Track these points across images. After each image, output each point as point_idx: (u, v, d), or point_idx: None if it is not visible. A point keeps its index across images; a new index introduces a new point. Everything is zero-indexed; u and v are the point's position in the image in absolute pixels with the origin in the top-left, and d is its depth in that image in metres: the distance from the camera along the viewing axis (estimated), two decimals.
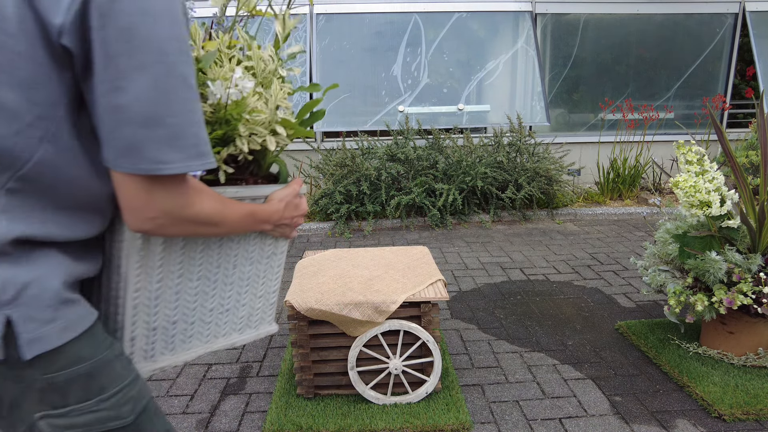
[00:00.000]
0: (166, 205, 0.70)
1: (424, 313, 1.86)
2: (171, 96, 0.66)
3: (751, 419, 1.81)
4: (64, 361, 0.71)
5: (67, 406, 0.71)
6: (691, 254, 2.07)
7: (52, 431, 0.70)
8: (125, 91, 0.63)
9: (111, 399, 0.75)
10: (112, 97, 0.63)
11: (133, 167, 0.66)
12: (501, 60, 5.58)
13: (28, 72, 0.61)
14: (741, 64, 6.00)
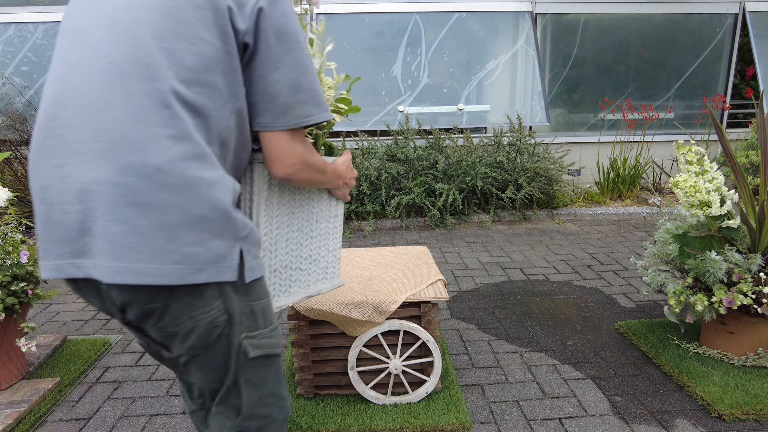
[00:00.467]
0: (301, 153, 0.99)
1: (424, 313, 1.86)
2: (306, 68, 0.95)
3: (751, 419, 1.81)
4: (261, 292, 0.97)
5: (257, 329, 0.96)
6: (691, 254, 2.07)
7: (251, 350, 0.95)
8: (279, 69, 0.92)
9: (275, 330, 1.01)
10: (271, 74, 0.92)
11: (286, 123, 0.94)
12: (501, 60, 5.58)
13: (227, 63, 0.88)
14: (741, 64, 6.00)
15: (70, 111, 0.82)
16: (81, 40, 0.84)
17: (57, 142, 0.82)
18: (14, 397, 2.00)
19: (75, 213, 0.81)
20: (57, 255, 0.84)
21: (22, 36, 5.33)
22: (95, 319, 2.81)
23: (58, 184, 0.82)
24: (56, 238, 0.84)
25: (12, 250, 2.04)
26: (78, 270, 0.83)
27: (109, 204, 0.79)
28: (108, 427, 1.88)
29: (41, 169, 0.84)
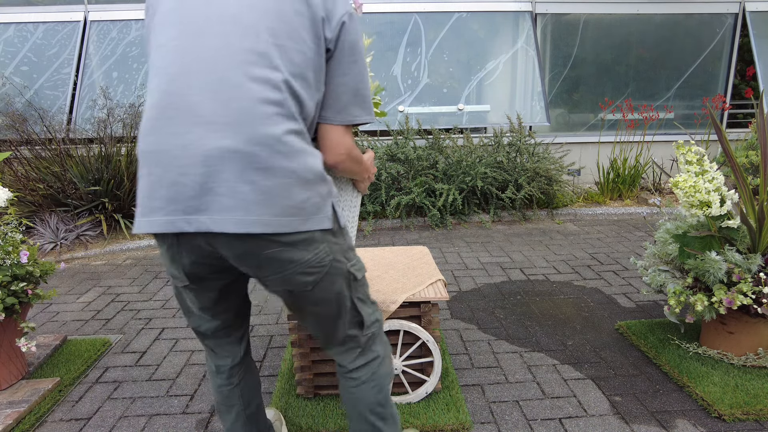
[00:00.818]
0: (349, 145, 1.18)
1: (424, 313, 1.86)
2: (365, 78, 1.15)
3: (751, 419, 1.81)
4: (348, 234, 1.21)
5: (354, 259, 1.21)
6: (691, 254, 2.07)
7: (358, 274, 1.21)
8: (347, 75, 1.13)
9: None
10: (341, 78, 1.12)
11: (343, 119, 1.14)
12: (501, 60, 5.58)
13: (317, 63, 1.07)
14: (741, 64, 6.00)
15: (193, 88, 0.97)
16: (202, 29, 1.00)
17: (177, 113, 0.97)
18: (14, 397, 2.00)
19: (196, 175, 0.96)
20: (168, 212, 0.98)
21: (22, 36, 5.33)
22: (95, 319, 2.81)
23: (179, 150, 0.97)
24: (169, 197, 0.98)
25: (12, 250, 2.04)
26: (189, 225, 0.98)
27: (237, 168, 0.96)
28: (108, 427, 1.88)
29: (159, 135, 0.99)
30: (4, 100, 5.03)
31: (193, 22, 1.00)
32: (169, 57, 1.00)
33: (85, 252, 3.96)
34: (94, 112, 5.03)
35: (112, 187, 4.24)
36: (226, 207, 0.96)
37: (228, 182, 0.96)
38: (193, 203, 0.97)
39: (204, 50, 0.98)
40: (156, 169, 0.99)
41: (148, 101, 1.02)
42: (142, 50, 5.38)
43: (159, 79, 1.01)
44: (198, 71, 0.98)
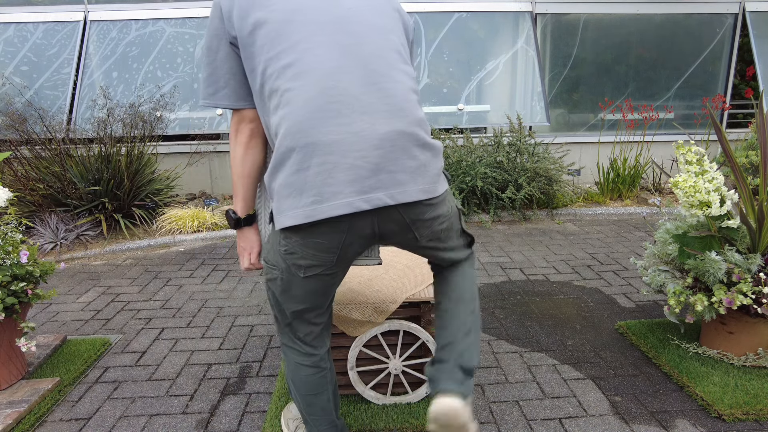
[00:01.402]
0: None
1: (424, 313, 1.86)
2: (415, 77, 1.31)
3: (750, 419, 1.81)
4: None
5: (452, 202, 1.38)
6: (691, 254, 2.07)
7: (461, 208, 1.39)
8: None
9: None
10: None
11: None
12: (501, 60, 5.58)
13: (408, 57, 1.25)
14: (741, 65, 6.00)
15: (354, 83, 1.10)
16: (344, 30, 1.13)
17: (340, 107, 1.09)
18: (14, 397, 2.00)
19: (373, 157, 1.09)
20: (347, 194, 1.09)
21: (22, 36, 5.33)
22: (95, 319, 2.81)
23: (352, 137, 1.09)
24: (348, 180, 1.09)
25: (12, 250, 2.04)
26: (367, 203, 1.11)
27: (404, 147, 1.12)
28: (108, 427, 1.88)
29: (328, 126, 1.09)
30: (4, 100, 5.03)
31: (330, 24, 1.13)
32: (316, 57, 1.11)
33: (85, 252, 3.96)
34: (94, 112, 5.03)
35: (112, 187, 4.24)
36: (399, 181, 1.12)
37: (399, 160, 1.12)
38: (369, 182, 1.10)
39: (349, 50, 1.12)
40: (331, 158, 1.08)
41: (299, 98, 1.10)
42: (143, 50, 5.38)
43: (310, 78, 1.10)
44: (355, 68, 1.11)
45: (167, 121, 5.17)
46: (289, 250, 1.19)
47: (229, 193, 5.64)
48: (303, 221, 1.10)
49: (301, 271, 1.22)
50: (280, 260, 1.23)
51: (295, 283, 1.25)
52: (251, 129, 1.25)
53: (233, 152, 1.26)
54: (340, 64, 1.11)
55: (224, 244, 4.21)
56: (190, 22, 5.47)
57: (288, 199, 1.12)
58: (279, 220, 1.15)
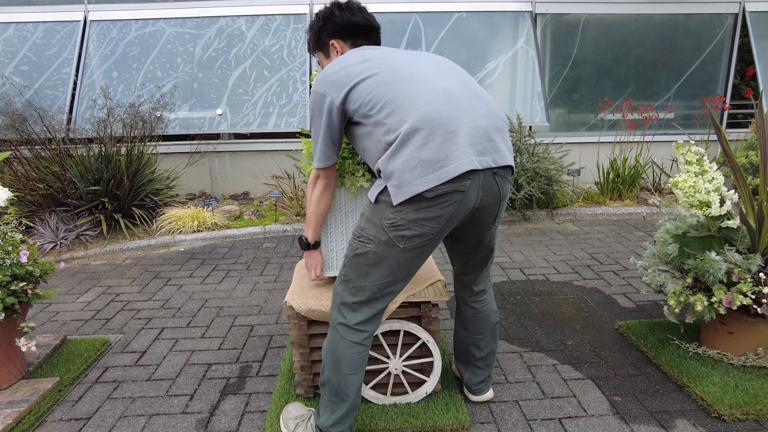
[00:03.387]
0: None
1: (424, 314, 1.86)
2: None
3: (750, 419, 1.81)
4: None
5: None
6: (691, 254, 2.07)
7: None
8: None
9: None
10: None
11: None
12: (501, 60, 5.58)
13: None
14: (741, 65, 6.00)
15: (460, 106, 1.42)
16: (440, 71, 1.50)
17: (458, 113, 1.41)
18: (14, 396, 2.00)
19: (480, 128, 1.43)
20: (469, 154, 1.38)
21: (22, 36, 5.33)
22: (95, 318, 2.81)
23: (464, 114, 1.41)
24: (466, 144, 1.39)
25: (12, 250, 2.04)
26: (480, 164, 1.40)
27: (499, 127, 1.48)
28: (108, 427, 1.88)
29: (447, 110, 1.39)
30: (4, 99, 5.03)
31: (438, 64, 1.55)
32: (430, 87, 1.43)
33: (85, 252, 3.96)
34: (94, 112, 5.03)
35: (112, 186, 4.24)
36: (498, 149, 1.46)
37: (496, 133, 1.46)
38: (480, 147, 1.41)
39: (452, 88, 1.45)
40: (450, 128, 1.38)
41: (419, 96, 1.40)
42: (143, 50, 5.38)
43: (436, 99, 1.41)
44: (456, 97, 1.43)
45: (167, 121, 5.17)
46: (396, 222, 1.42)
47: (228, 193, 5.65)
48: (435, 183, 1.34)
49: (402, 242, 1.44)
50: (382, 233, 1.44)
51: (389, 255, 1.46)
52: (327, 181, 1.65)
53: (310, 196, 1.67)
54: (450, 94, 1.43)
55: (224, 244, 4.22)
56: (190, 22, 5.47)
57: (414, 171, 1.35)
58: (402, 191, 1.37)
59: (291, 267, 3.61)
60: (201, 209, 4.60)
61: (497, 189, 1.47)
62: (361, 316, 1.55)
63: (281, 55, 5.44)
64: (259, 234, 4.45)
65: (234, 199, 5.39)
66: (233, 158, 5.59)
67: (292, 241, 4.28)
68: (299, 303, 1.80)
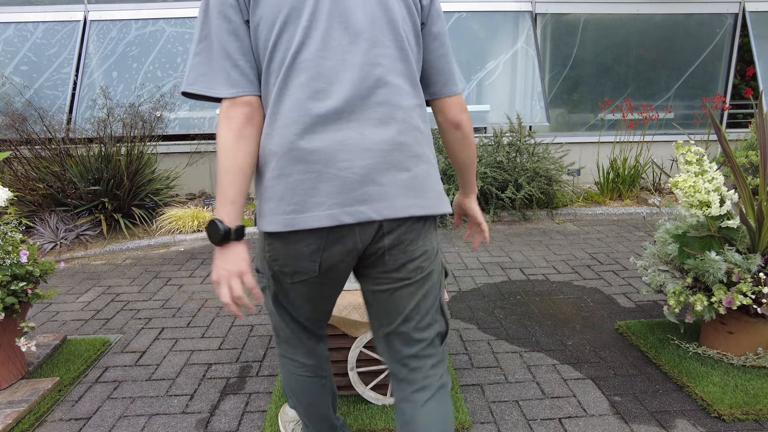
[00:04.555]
0: None
1: None
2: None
3: (750, 419, 1.81)
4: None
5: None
6: (691, 254, 2.07)
7: (445, 266, 1.27)
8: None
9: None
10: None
11: None
12: (501, 60, 5.58)
13: (413, 50, 1.10)
14: (741, 65, 6.00)
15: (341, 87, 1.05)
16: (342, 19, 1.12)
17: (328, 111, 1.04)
18: (14, 396, 2.00)
19: (359, 168, 1.02)
20: (329, 205, 1.01)
21: (22, 36, 5.32)
22: (95, 318, 2.81)
23: (337, 146, 1.02)
24: (330, 192, 1.02)
25: (12, 250, 2.04)
26: (350, 216, 1.02)
27: (396, 158, 1.05)
28: (108, 427, 1.88)
29: (311, 134, 1.03)
30: (4, 99, 5.03)
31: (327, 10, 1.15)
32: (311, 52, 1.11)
33: (85, 252, 3.96)
34: (94, 112, 5.03)
35: (112, 186, 4.24)
36: (387, 195, 1.04)
37: (389, 171, 1.05)
38: (355, 195, 1.03)
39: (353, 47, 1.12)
40: (313, 167, 1.03)
41: (287, 98, 1.05)
42: (143, 50, 5.38)
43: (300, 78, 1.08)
44: (351, 69, 1.10)
45: (167, 121, 5.17)
46: (273, 256, 1.10)
47: None
48: (282, 229, 1.02)
49: (287, 278, 1.13)
50: (266, 266, 1.14)
51: (284, 288, 1.17)
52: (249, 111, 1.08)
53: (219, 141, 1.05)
54: (334, 65, 1.02)
55: None
56: (190, 22, 5.47)
57: (269, 203, 1.04)
58: (260, 223, 1.07)
59: None
60: (201, 209, 4.60)
61: (384, 240, 1.07)
62: (289, 349, 1.33)
63: None
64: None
65: None
66: None
67: None
68: None
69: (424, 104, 1.15)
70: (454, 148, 1.24)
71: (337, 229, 1.04)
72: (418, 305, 1.16)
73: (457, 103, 1.19)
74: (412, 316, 1.16)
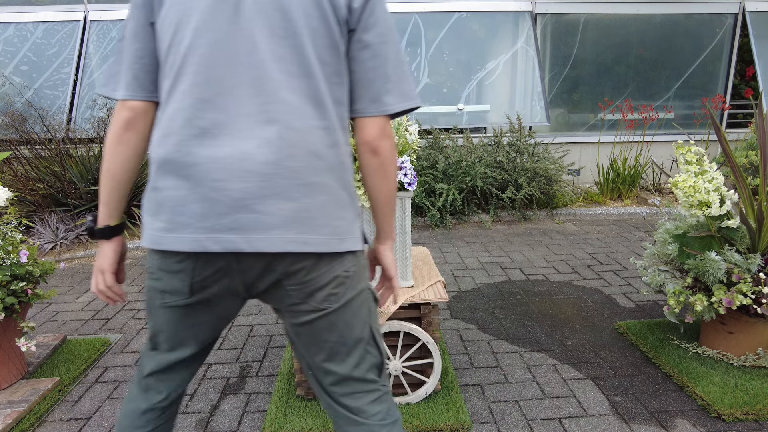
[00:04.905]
0: None
1: (425, 315, 1.86)
2: None
3: (750, 419, 1.81)
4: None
5: (369, 281, 1.13)
6: (691, 254, 2.07)
7: (375, 294, 1.14)
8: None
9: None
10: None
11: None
12: (501, 60, 5.58)
13: (329, 48, 1.00)
14: (741, 65, 6.00)
15: (229, 98, 0.98)
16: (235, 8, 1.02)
17: (209, 124, 0.97)
18: (14, 396, 2.00)
19: (234, 191, 0.92)
20: (195, 228, 0.93)
21: (22, 36, 5.32)
22: (95, 318, 2.81)
23: (213, 163, 0.93)
24: (198, 214, 0.93)
25: (12, 250, 2.04)
26: (216, 245, 0.93)
27: (281, 184, 0.93)
28: (108, 427, 1.88)
29: (187, 147, 0.95)
30: (4, 99, 5.03)
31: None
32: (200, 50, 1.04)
33: (85, 252, 3.96)
34: (94, 112, 5.03)
35: None
36: (264, 225, 0.94)
37: (269, 199, 0.94)
38: (225, 221, 0.94)
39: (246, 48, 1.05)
40: (183, 182, 0.96)
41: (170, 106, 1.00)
42: None
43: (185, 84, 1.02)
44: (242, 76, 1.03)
45: None
46: (151, 269, 1.03)
47: None
48: (150, 246, 0.97)
49: (158, 297, 1.03)
50: (147, 280, 1.06)
51: (155, 307, 1.06)
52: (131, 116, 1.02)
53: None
54: (223, 75, 0.93)
55: None
56: None
57: (145, 215, 0.99)
58: (142, 234, 1.01)
59: None
60: None
61: (270, 271, 0.98)
62: (151, 364, 1.13)
63: None
64: None
65: None
66: None
67: None
68: None
69: (337, 127, 0.99)
70: (367, 179, 1.06)
71: (206, 256, 0.96)
72: (342, 337, 1.05)
73: (378, 126, 1.01)
74: (337, 349, 1.05)
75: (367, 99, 1.01)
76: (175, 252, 0.96)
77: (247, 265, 0.97)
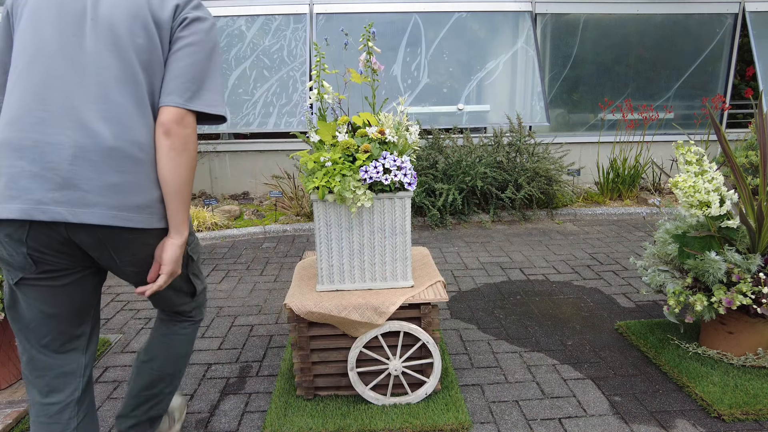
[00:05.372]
0: None
1: (425, 315, 1.86)
2: None
3: (750, 419, 1.81)
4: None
5: (189, 245, 1.43)
6: (691, 254, 2.07)
7: (194, 255, 1.46)
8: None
9: (199, 243, 1.51)
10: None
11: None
12: (501, 60, 5.58)
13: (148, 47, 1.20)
14: (741, 65, 6.00)
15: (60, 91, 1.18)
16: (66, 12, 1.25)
17: (45, 114, 1.16)
18: (14, 396, 2.00)
19: (63, 171, 1.09)
20: (24, 200, 1.07)
21: None
22: None
23: (46, 147, 1.10)
24: (29, 188, 1.08)
25: None
26: (44, 214, 1.07)
27: (102, 163, 1.12)
28: (108, 427, 1.88)
29: (24, 132, 1.13)
30: None
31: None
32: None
33: None
34: None
35: None
36: (88, 202, 1.11)
37: (93, 178, 1.11)
38: (53, 195, 1.10)
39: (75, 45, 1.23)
40: (18, 162, 1.12)
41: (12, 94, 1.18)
42: None
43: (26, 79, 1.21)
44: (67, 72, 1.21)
45: None
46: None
47: (228, 193, 5.64)
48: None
49: (10, 275, 1.15)
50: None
51: (12, 290, 1.18)
52: None
53: None
54: (54, 67, 1.12)
55: (224, 243, 4.22)
56: None
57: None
58: None
59: (291, 267, 3.61)
60: (201, 209, 4.60)
61: (96, 237, 1.14)
62: (38, 370, 1.23)
63: (281, 55, 5.44)
64: (259, 234, 4.45)
65: (234, 199, 5.39)
66: (233, 158, 5.59)
67: (292, 240, 4.28)
68: (298, 306, 1.80)
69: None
70: (159, 162, 1.17)
71: (38, 225, 1.10)
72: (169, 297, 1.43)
73: (176, 114, 1.15)
74: (160, 297, 1.42)
75: (168, 90, 1.17)
76: (8, 221, 1.11)
77: (76, 230, 1.14)
